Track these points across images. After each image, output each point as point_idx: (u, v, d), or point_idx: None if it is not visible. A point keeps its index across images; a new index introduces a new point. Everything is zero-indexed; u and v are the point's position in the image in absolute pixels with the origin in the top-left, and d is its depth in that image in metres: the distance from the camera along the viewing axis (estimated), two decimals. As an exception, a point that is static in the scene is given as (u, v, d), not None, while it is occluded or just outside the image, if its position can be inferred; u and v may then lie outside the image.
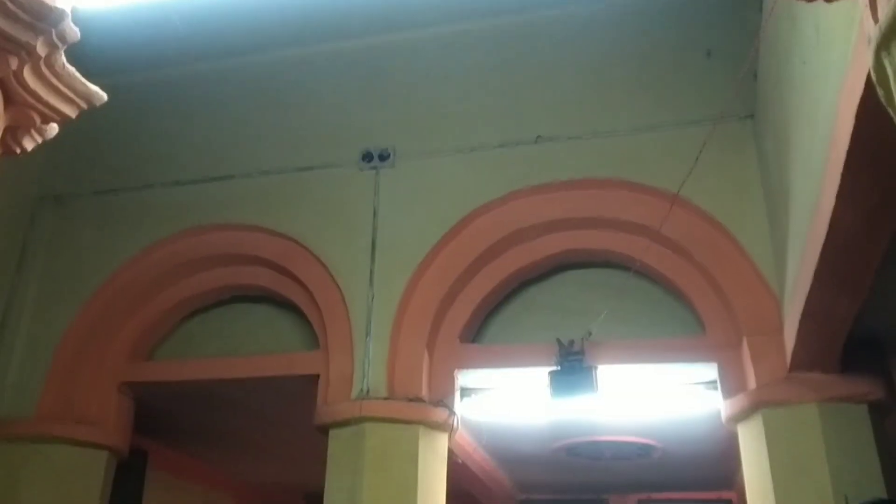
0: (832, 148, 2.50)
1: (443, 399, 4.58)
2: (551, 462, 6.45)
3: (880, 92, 1.50)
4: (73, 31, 1.96)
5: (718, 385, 4.38)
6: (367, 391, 4.48)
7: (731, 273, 4.31)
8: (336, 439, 4.50)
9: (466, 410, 4.89)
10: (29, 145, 2.01)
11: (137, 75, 5.47)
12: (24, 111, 1.91)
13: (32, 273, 5.23)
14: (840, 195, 2.53)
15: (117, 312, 5.09)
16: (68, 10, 1.91)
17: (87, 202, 5.40)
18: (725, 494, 7.06)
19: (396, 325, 4.61)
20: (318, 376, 4.68)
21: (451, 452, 4.75)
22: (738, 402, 4.19)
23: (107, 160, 5.55)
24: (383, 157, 4.99)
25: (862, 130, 2.19)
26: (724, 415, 4.35)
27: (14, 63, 1.85)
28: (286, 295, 4.95)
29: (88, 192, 5.42)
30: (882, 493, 3.74)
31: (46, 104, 1.93)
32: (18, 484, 4.70)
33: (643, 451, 6.10)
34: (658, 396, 4.83)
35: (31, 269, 5.24)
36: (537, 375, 4.50)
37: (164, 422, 5.76)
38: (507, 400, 4.98)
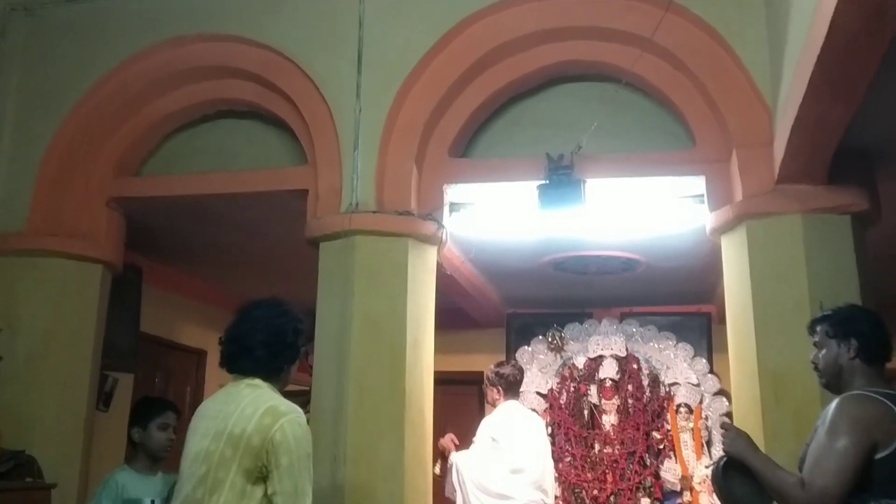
0: (840, -59, 2.38)
1: (432, 213, 4.62)
2: (538, 277, 6.61)
3: None
4: None
5: (705, 198, 4.42)
6: (356, 205, 4.50)
7: (725, 84, 4.23)
8: (326, 252, 4.58)
9: (455, 226, 4.94)
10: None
11: None
12: None
13: (9, 87, 5.07)
14: (843, -8, 2.44)
15: (100, 126, 5.00)
16: None
17: (60, 12, 5.15)
18: (704, 308, 7.29)
19: (385, 138, 4.56)
20: (307, 191, 4.69)
21: (439, 266, 4.86)
22: (724, 214, 4.25)
23: (76, -34, 5.26)
24: (367, -39, 4.74)
25: (873, -84, 2.07)
26: (708, 227, 4.42)
27: None
28: (272, 109, 4.86)
29: (60, 1, 5.16)
30: (857, 301, 3.86)
31: None
32: (16, 298, 4.80)
33: (627, 265, 6.24)
34: (645, 211, 4.87)
35: (7, 82, 5.08)
36: (526, 190, 4.51)
37: (157, 238, 5.83)
38: (495, 215, 5.02)
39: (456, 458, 5.13)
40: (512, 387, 5.31)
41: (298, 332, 2.74)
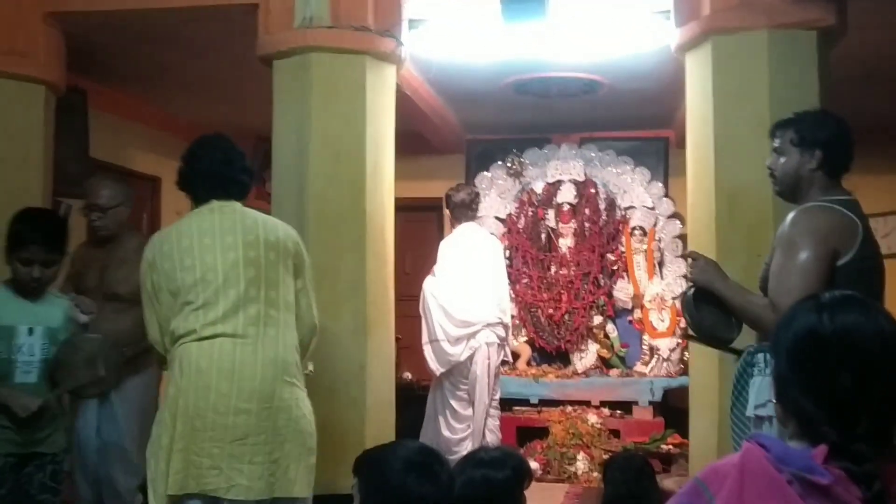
0: None
1: (390, 29, 4.43)
2: (499, 100, 6.49)
3: None
4: None
5: (672, 14, 4.30)
6: (311, 19, 4.28)
7: None
8: (281, 71, 4.41)
9: (414, 44, 4.76)
10: None
11: None
12: None
13: None
14: None
15: (28, -69, 4.61)
16: None
17: None
18: (663, 133, 7.29)
19: (338, -54, 4.30)
20: (257, 5, 4.44)
21: (398, 87, 4.72)
22: (690, 29, 4.15)
23: None
24: None
25: None
26: (674, 44, 4.33)
27: None
28: (214, -87, 4.51)
29: None
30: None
31: None
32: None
33: (589, 87, 6.13)
34: (610, 28, 4.74)
35: None
36: (487, 4, 4.33)
37: (101, 59, 5.53)
38: (456, 32, 4.84)
39: (426, 283, 5.23)
40: (467, 209, 5.35)
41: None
